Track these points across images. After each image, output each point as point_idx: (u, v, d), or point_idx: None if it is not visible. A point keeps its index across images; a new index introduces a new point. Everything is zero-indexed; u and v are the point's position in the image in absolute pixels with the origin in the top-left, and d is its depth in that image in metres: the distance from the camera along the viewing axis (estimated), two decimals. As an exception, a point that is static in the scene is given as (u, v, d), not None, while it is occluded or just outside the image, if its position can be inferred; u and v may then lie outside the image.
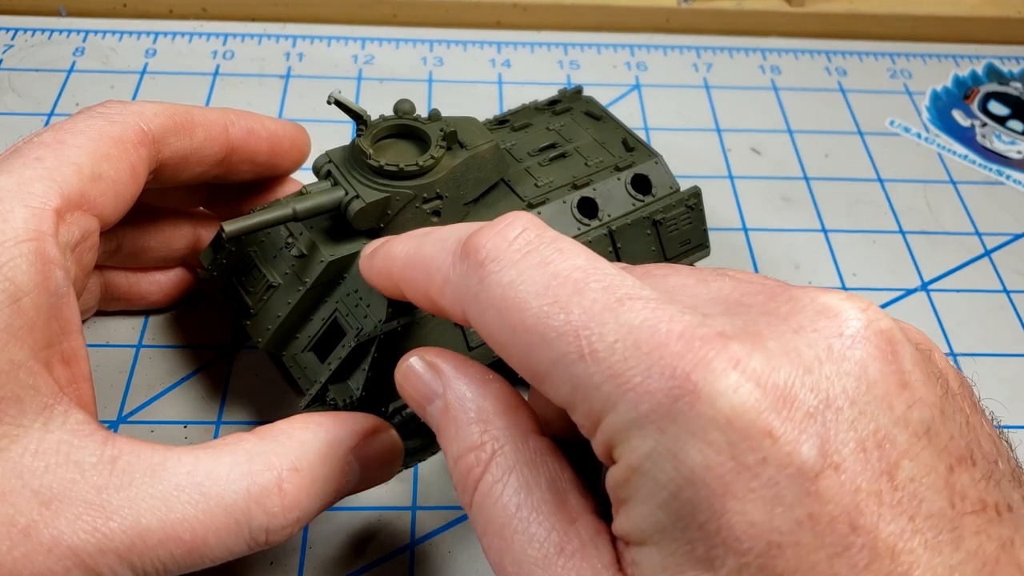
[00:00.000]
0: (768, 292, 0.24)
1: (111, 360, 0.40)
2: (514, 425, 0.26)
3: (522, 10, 0.60)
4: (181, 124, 0.34)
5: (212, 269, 0.37)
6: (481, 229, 0.25)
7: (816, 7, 0.61)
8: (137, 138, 0.32)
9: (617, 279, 0.23)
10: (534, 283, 0.24)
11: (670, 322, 0.22)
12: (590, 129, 0.40)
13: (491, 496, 0.25)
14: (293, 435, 0.28)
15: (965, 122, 0.56)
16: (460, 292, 0.26)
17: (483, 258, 0.25)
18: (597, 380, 0.22)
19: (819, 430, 0.21)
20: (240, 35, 0.58)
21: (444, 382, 0.27)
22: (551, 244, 0.25)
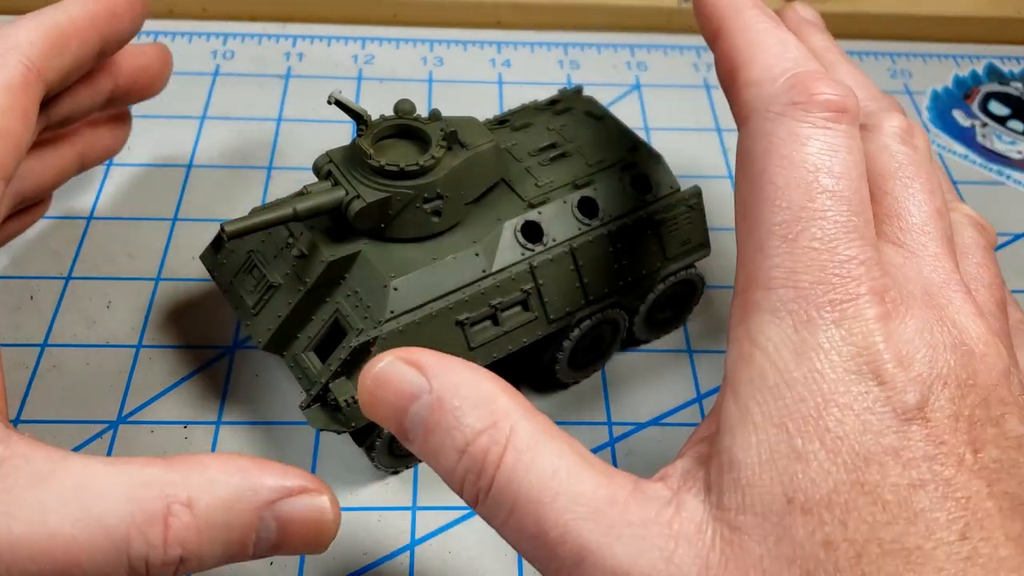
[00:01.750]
0: (942, 284, 0.27)
1: (111, 360, 0.40)
2: (517, 403, 0.26)
3: (522, 10, 0.60)
4: (56, 42, 0.33)
5: (212, 269, 0.37)
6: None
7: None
8: (24, 80, 0.31)
9: (856, 219, 0.26)
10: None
11: (861, 265, 0.25)
12: (590, 129, 0.40)
13: (519, 468, 0.24)
14: (204, 471, 0.25)
15: (965, 122, 0.56)
16: None
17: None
18: (780, 258, 0.25)
19: (922, 390, 0.24)
20: (240, 35, 0.58)
21: (430, 375, 0.25)
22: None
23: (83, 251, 0.44)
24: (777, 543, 0.23)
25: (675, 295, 0.41)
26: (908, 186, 0.30)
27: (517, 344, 0.35)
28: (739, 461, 0.24)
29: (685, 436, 0.39)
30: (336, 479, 0.37)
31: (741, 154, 0.28)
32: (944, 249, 0.28)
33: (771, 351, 0.25)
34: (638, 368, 0.41)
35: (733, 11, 0.31)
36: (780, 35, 0.30)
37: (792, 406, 0.24)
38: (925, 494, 0.23)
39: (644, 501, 0.24)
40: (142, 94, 0.42)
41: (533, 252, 0.35)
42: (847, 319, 0.24)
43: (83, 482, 0.24)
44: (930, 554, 0.22)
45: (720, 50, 0.31)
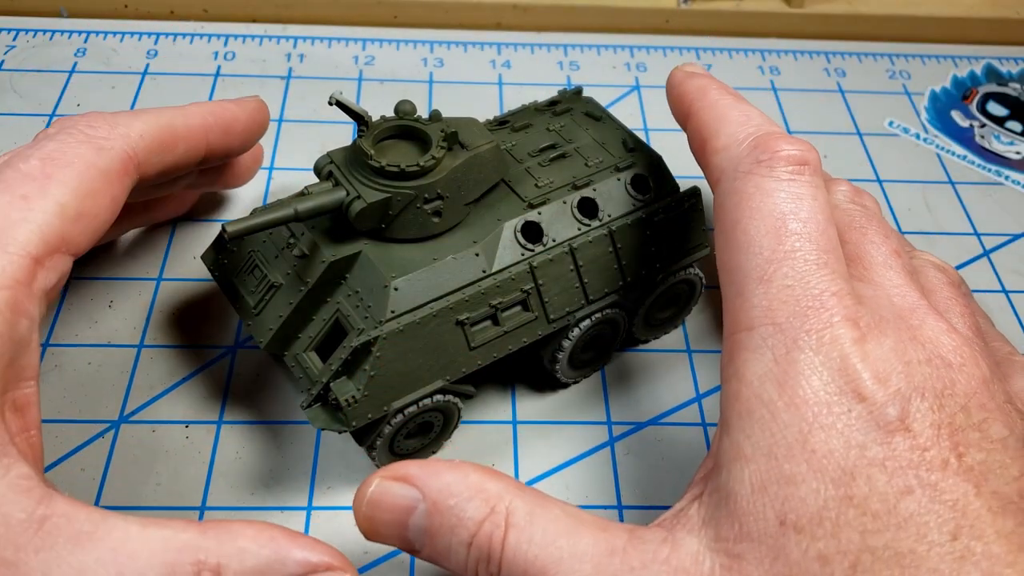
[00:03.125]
0: (912, 308, 0.29)
1: (112, 360, 0.40)
2: (506, 484, 0.27)
3: (522, 11, 0.60)
4: (165, 142, 0.34)
5: (214, 269, 0.37)
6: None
7: (815, 8, 0.61)
8: (123, 168, 0.32)
9: (825, 255, 0.28)
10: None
11: (833, 296, 0.27)
12: (590, 129, 0.40)
13: (522, 544, 0.26)
14: (236, 539, 0.26)
15: (964, 123, 0.56)
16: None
17: None
18: (757, 299, 0.27)
19: (902, 403, 0.25)
20: (241, 36, 0.58)
21: (420, 484, 0.27)
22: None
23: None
24: (773, 563, 0.24)
25: (674, 295, 0.41)
26: (864, 233, 0.32)
27: (517, 344, 0.36)
28: (734, 493, 0.25)
29: (685, 436, 0.39)
30: (337, 478, 0.37)
31: (716, 213, 0.31)
32: (908, 280, 0.30)
33: (756, 385, 0.26)
34: (638, 368, 0.41)
35: (700, 94, 0.34)
36: (742, 107, 0.33)
37: (778, 434, 0.25)
38: (913, 500, 0.24)
39: (640, 545, 0.26)
40: (225, 186, 0.44)
41: (533, 252, 0.35)
42: (824, 345, 0.26)
43: (120, 543, 0.25)
44: (924, 556, 0.23)
45: (691, 127, 0.34)
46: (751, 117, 0.32)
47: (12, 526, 0.25)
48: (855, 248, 0.32)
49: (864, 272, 0.31)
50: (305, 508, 0.36)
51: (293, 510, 0.36)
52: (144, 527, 0.26)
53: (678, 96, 0.35)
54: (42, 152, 0.31)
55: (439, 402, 0.35)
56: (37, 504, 0.25)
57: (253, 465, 0.37)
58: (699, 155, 0.33)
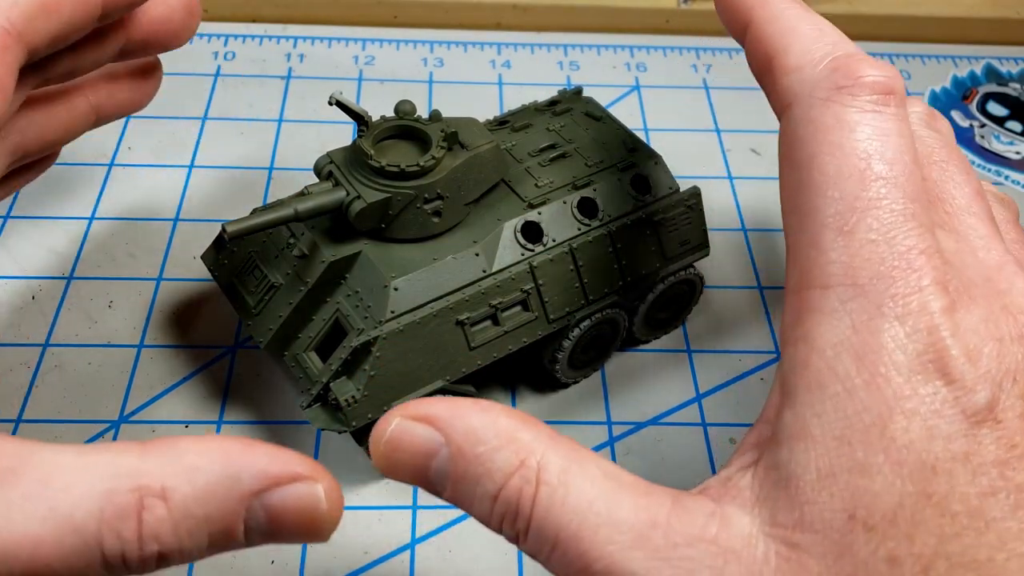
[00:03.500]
0: (999, 266, 0.26)
1: (112, 360, 0.40)
2: (539, 433, 0.24)
3: (522, 11, 0.60)
4: (46, 2, 0.29)
5: (214, 269, 0.37)
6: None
7: (815, 8, 0.60)
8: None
9: (913, 205, 0.25)
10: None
11: (922, 255, 0.24)
12: (590, 130, 0.40)
13: (555, 503, 0.23)
14: (184, 456, 0.23)
15: (964, 123, 0.56)
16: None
17: None
18: (836, 253, 0.24)
19: (992, 388, 0.23)
20: (241, 36, 0.58)
21: (443, 427, 0.24)
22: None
23: (85, 251, 0.45)
24: (837, 560, 0.22)
25: (674, 295, 0.41)
26: (944, 169, 0.29)
27: (517, 344, 0.36)
28: (796, 477, 0.23)
29: (685, 436, 0.39)
30: (337, 478, 0.37)
31: (786, 144, 0.27)
32: (991, 230, 0.27)
33: (830, 356, 0.23)
34: (637, 368, 0.41)
35: (760, 1, 0.30)
36: (813, 19, 0.29)
37: (854, 416, 0.23)
38: (996, 503, 0.22)
39: (686, 517, 0.23)
40: (162, 46, 0.37)
41: (533, 252, 0.35)
42: (911, 314, 0.23)
43: (50, 476, 0.22)
44: (1003, 566, 0.21)
45: (752, 40, 0.30)
46: (825, 32, 0.28)
47: None
48: (935, 187, 0.28)
49: (946, 218, 0.27)
50: (305, 508, 0.36)
51: (293, 510, 0.36)
52: (79, 455, 0.23)
53: (733, 2, 0.30)
54: None
55: (439, 402, 0.35)
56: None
57: (253, 465, 0.37)
58: (762, 73, 0.29)
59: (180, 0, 0.36)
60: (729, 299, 0.44)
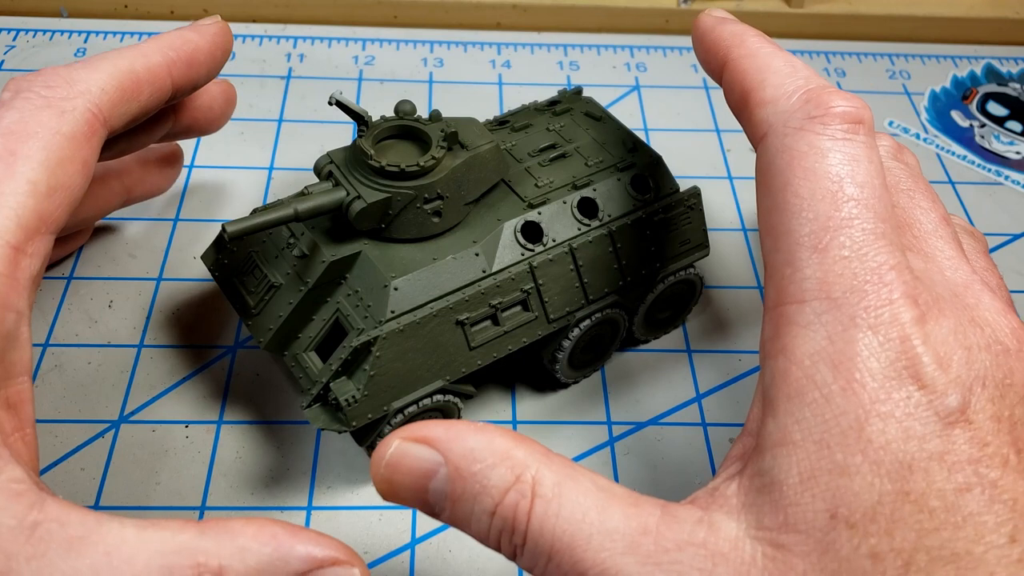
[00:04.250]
0: (966, 284, 0.27)
1: (113, 360, 0.40)
2: (533, 450, 0.25)
3: (522, 11, 0.60)
4: (128, 90, 0.32)
5: (214, 269, 0.37)
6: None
7: (815, 8, 0.61)
8: (89, 128, 0.30)
9: (883, 225, 0.26)
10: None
11: (892, 270, 0.25)
12: (590, 130, 0.40)
13: (550, 516, 0.24)
14: (237, 538, 0.25)
15: (964, 123, 0.56)
16: None
17: None
18: (810, 269, 0.25)
19: (963, 392, 0.24)
20: (241, 36, 0.58)
21: (442, 448, 0.25)
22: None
23: (85, 251, 0.45)
24: (821, 558, 0.23)
25: (674, 295, 0.41)
26: (911, 197, 0.30)
27: (517, 344, 0.36)
28: (779, 481, 0.24)
29: (685, 436, 0.39)
30: (337, 478, 0.37)
31: (761, 170, 0.29)
32: (958, 251, 0.29)
33: (808, 365, 0.24)
34: (637, 368, 0.41)
35: (737, 40, 0.32)
36: (786, 57, 0.30)
37: (832, 420, 0.24)
38: (972, 498, 0.23)
39: (675, 524, 0.24)
40: (201, 131, 0.41)
41: (533, 252, 0.35)
42: (883, 324, 0.24)
43: (115, 548, 0.24)
44: (980, 558, 0.22)
45: (730, 76, 0.31)
46: (797, 68, 0.30)
47: (3, 534, 0.24)
48: (903, 213, 0.30)
49: (914, 241, 0.29)
50: (305, 508, 0.36)
51: (293, 510, 0.36)
52: (141, 529, 0.25)
53: (712, 43, 0.33)
54: (2, 126, 0.29)
55: (439, 402, 0.35)
56: (29, 509, 0.24)
57: (253, 465, 0.37)
58: (739, 107, 0.31)
59: (221, 90, 0.41)
60: (729, 299, 0.44)
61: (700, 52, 0.34)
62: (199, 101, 0.40)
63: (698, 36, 0.34)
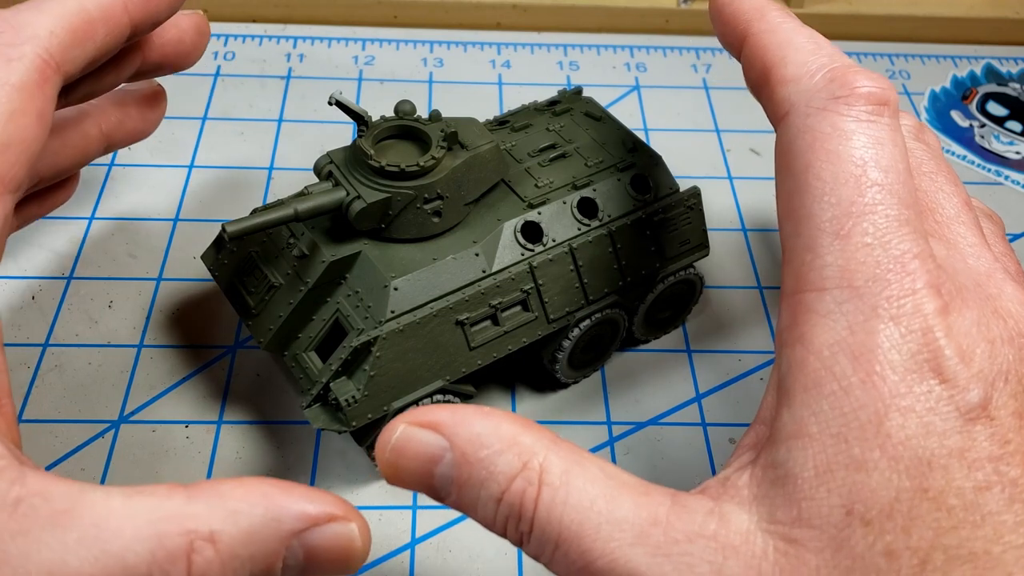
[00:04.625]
0: (988, 273, 0.27)
1: (113, 360, 0.40)
2: (541, 436, 0.25)
3: (522, 11, 0.60)
4: (81, 31, 0.30)
5: (214, 269, 0.37)
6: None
7: (815, 8, 0.61)
8: (41, 76, 0.28)
9: (907, 211, 0.25)
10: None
11: (916, 258, 0.24)
12: (590, 130, 0.40)
13: (557, 504, 0.24)
14: (227, 500, 0.24)
15: (963, 123, 0.56)
16: None
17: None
18: (832, 256, 0.25)
19: (985, 387, 0.23)
20: (241, 36, 0.58)
21: (448, 432, 0.25)
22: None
23: (85, 251, 0.45)
24: (835, 554, 0.22)
25: (674, 295, 0.41)
26: (933, 180, 0.30)
27: (517, 344, 0.36)
28: (793, 474, 0.23)
29: (685, 436, 0.39)
30: (337, 478, 0.37)
31: (782, 151, 0.28)
32: (980, 238, 0.28)
33: (826, 356, 0.24)
34: (637, 368, 0.41)
35: (757, 14, 0.30)
36: (809, 33, 0.29)
37: (850, 414, 0.23)
38: (991, 496, 0.22)
39: (685, 515, 0.24)
40: (174, 67, 0.38)
41: (533, 252, 0.35)
42: (905, 315, 0.24)
43: (102, 519, 0.23)
44: (999, 558, 0.22)
45: (749, 52, 0.30)
46: (821, 45, 0.29)
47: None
48: (926, 197, 0.29)
49: (936, 227, 0.28)
50: (305, 508, 0.36)
51: (293, 510, 0.36)
52: (127, 498, 0.23)
53: (731, 15, 0.31)
54: None
55: (439, 402, 0.35)
56: (10, 485, 0.23)
57: (253, 465, 0.37)
58: (759, 85, 0.30)
59: (191, 22, 0.37)
60: (729, 299, 0.44)
61: (718, 26, 0.32)
62: (168, 36, 0.37)
63: (716, 9, 0.32)
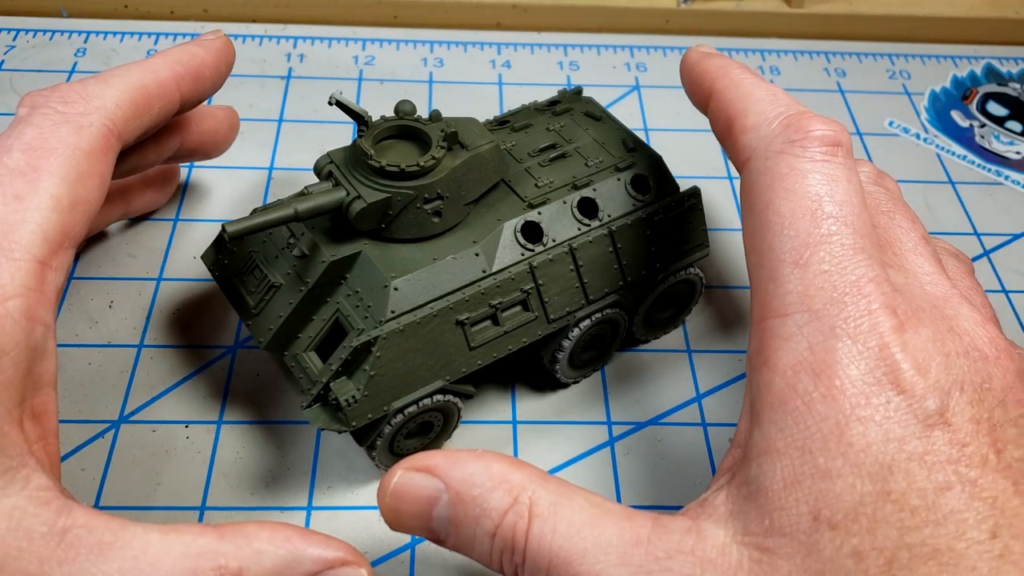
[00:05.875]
0: (945, 297, 0.28)
1: (113, 360, 0.40)
2: (529, 473, 0.27)
3: (522, 11, 0.60)
4: (140, 105, 0.33)
5: (214, 269, 0.37)
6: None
7: (815, 8, 0.61)
8: (105, 143, 0.31)
9: (862, 240, 0.27)
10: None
11: (871, 282, 0.26)
12: (590, 130, 0.40)
13: (546, 534, 0.26)
14: (253, 542, 0.26)
15: (964, 123, 0.56)
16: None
17: None
18: (792, 284, 0.26)
19: (942, 396, 0.24)
20: (241, 36, 0.58)
21: (443, 475, 0.27)
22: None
23: (85, 251, 0.45)
24: (805, 559, 0.23)
25: (674, 295, 0.41)
26: (891, 218, 0.31)
27: (517, 344, 0.36)
28: (764, 488, 0.25)
29: (685, 436, 0.39)
30: (337, 478, 0.37)
31: (745, 192, 0.30)
32: (938, 268, 0.29)
33: (790, 375, 0.25)
34: (638, 368, 0.41)
35: (722, 72, 0.33)
36: (768, 87, 0.32)
37: (814, 427, 0.24)
38: (952, 496, 0.23)
39: (665, 535, 0.25)
40: (206, 155, 0.43)
41: (533, 252, 0.35)
42: (862, 333, 0.25)
43: (141, 552, 0.25)
44: (962, 554, 0.23)
45: (715, 106, 0.33)
46: (778, 96, 0.31)
47: (34, 540, 0.25)
48: (884, 233, 0.31)
49: (894, 258, 0.30)
50: (305, 508, 0.36)
51: (293, 510, 0.36)
52: (163, 534, 0.26)
53: (698, 75, 0.34)
54: (23, 142, 0.30)
55: (439, 402, 0.35)
56: (57, 516, 0.25)
57: (253, 465, 0.37)
58: (724, 135, 0.32)
59: (226, 115, 0.43)
60: (729, 299, 0.44)
61: (687, 84, 0.35)
62: (206, 125, 0.42)
63: (685, 70, 0.36)
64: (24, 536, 0.25)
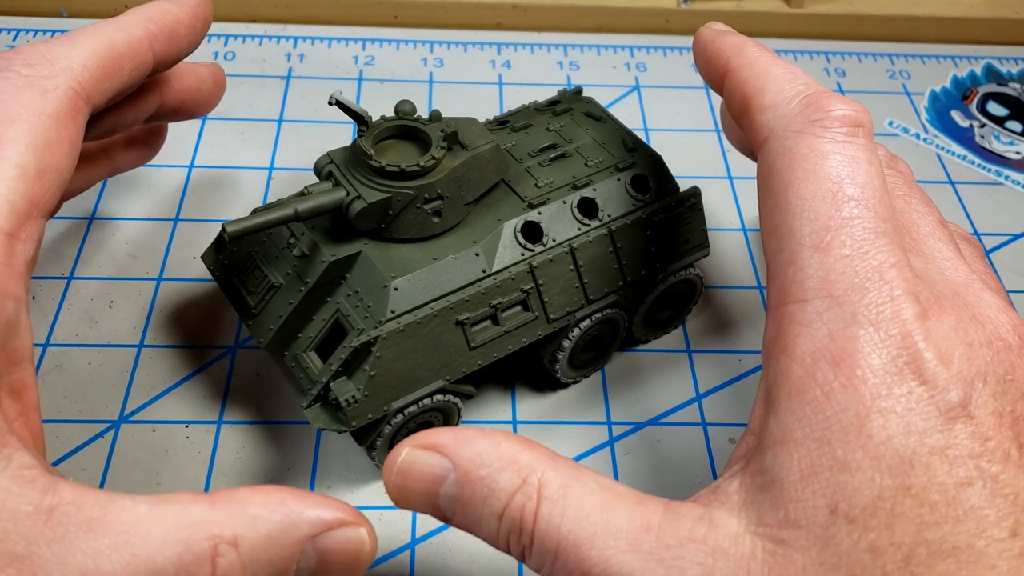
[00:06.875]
0: (966, 283, 0.27)
1: (113, 360, 0.40)
2: (539, 453, 0.26)
3: (522, 11, 0.60)
4: (109, 66, 0.31)
5: (214, 269, 0.37)
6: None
7: (815, 8, 0.61)
8: (73, 107, 0.30)
9: (884, 224, 0.26)
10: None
11: (893, 268, 0.25)
12: (590, 130, 0.40)
13: (555, 516, 0.25)
14: (248, 507, 0.25)
15: (964, 123, 0.56)
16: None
17: None
18: (812, 268, 0.26)
19: (965, 387, 0.24)
20: (241, 36, 0.58)
21: (450, 453, 0.26)
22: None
23: (85, 251, 0.45)
24: (821, 552, 0.23)
25: (674, 295, 0.41)
26: (908, 202, 0.31)
27: (517, 344, 0.36)
28: (779, 479, 0.24)
29: (685, 436, 0.39)
30: (337, 478, 0.37)
31: (763, 173, 0.29)
32: (956, 253, 0.29)
33: (809, 363, 0.25)
34: (637, 368, 0.41)
35: (737, 50, 0.32)
36: (785, 65, 0.31)
37: (833, 417, 0.24)
38: (973, 492, 0.23)
39: (677, 521, 0.25)
40: (190, 114, 0.41)
41: (533, 252, 0.35)
42: (884, 321, 0.24)
43: (131, 525, 0.24)
44: (982, 552, 0.22)
45: (731, 85, 0.32)
46: (796, 75, 0.30)
47: (20, 520, 0.24)
48: (901, 217, 0.30)
49: (913, 243, 0.29)
50: (305, 508, 0.36)
51: (293, 510, 0.36)
52: (153, 505, 0.25)
53: (713, 53, 0.33)
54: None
55: (439, 402, 0.35)
56: (43, 494, 0.24)
57: (253, 465, 0.37)
58: (740, 114, 0.31)
59: (210, 72, 0.40)
60: (729, 299, 0.44)
61: (701, 63, 0.34)
62: (187, 82, 0.39)
63: (699, 48, 0.34)
64: (10, 517, 0.24)
